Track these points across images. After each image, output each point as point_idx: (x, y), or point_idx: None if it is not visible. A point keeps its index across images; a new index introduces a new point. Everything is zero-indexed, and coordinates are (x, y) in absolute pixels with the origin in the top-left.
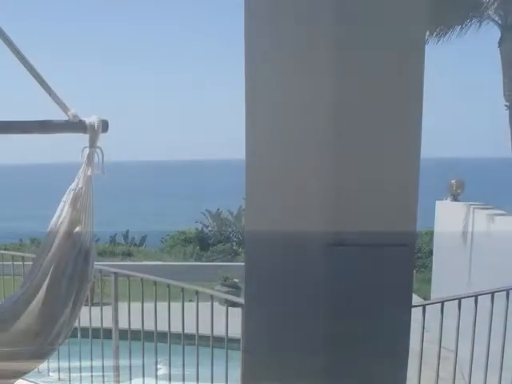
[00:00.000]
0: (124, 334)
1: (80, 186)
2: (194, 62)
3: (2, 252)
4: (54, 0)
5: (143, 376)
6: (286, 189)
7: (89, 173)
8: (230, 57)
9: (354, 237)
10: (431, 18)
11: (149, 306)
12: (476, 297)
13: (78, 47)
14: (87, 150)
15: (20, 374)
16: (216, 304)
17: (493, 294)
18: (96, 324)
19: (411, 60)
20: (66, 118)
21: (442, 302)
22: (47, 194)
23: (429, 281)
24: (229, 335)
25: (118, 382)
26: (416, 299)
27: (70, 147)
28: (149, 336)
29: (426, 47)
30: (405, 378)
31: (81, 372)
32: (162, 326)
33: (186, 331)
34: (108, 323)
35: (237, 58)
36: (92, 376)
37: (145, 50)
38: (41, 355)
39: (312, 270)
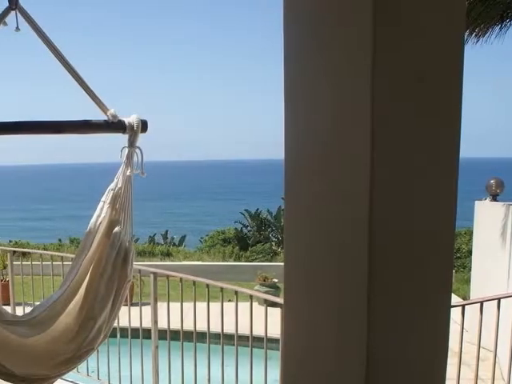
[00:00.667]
0: (163, 334)
1: (119, 186)
2: (235, 61)
3: (42, 252)
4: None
5: (182, 376)
6: (325, 189)
7: (128, 173)
8: (270, 57)
9: (391, 236)
10: (470, 18)
11: (188, 305)
12: None
13: (121, 47)
14: (126, 150)
15: (59, 374)
16: (255, 304)
17: None
18: (135, 324)
19: (450, 61)
20: (105, 118)
21: (482, 302)
22: (86, 194)
23: (468, 281)
24: (268, 335)
25: (157, 382)
26: (455, 299)
27: (110, 147)
28: (188, 336)
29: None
30: (444, 378)
31: (120, 372)
32: (201, 326)
33: (225, 331)
34: (147, 323)
35: (277, 59)
36: (131, 376)
37: (188, 51)
38: (80, 355)
39: (351, 269)
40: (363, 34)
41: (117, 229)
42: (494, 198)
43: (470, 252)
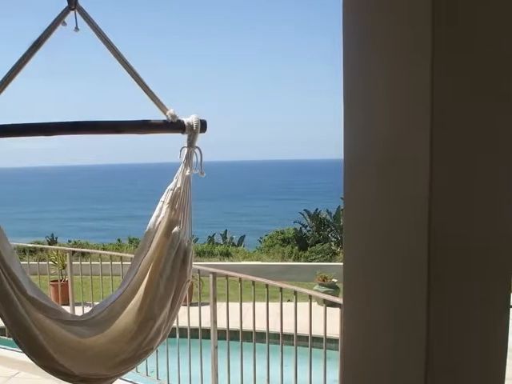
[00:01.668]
0: (222, 334)
1: (178, 185)
2: (293, 60)
3: (101, 252)
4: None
5: (241, 376)
6: (384, 190)
7: (187, 173)
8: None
9: (450, 236)
10: None
11: (247, 305)
12: None
13: (180, 48)
14: (185, 150)
15: (118, 374)
16: (314, 304)
17: None
18: (194, 324)
19: (510, 60)
20: (164, 118)
21: None
22: (146, 194)
23: None
24: (327, 335)
25: (217, 382)
26: None
27: (168, 147)
28: (247, 336)
29: None
30: (503, 378)
31: (179, 372)
32: (260, 326)
33: (284, 331)
34: (206, 323)
35: (336, 59)
36: (190, 376)
37: (246, 51)
38: (139, 355)
39: (410, 269)
40: (422, 33)
41: (176, 229)
42: None
43: None
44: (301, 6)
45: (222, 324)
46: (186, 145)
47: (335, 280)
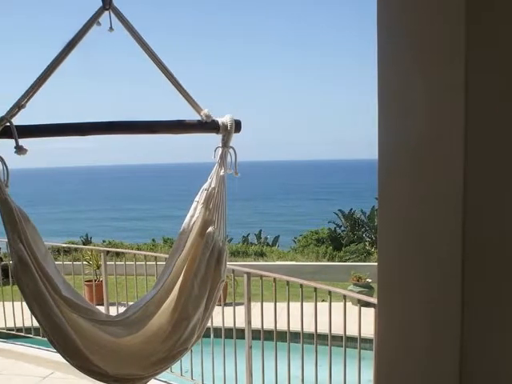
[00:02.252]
0: (257, 334)
1: (213, 185)
2: (327, 60)
3: (135, 252)
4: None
5: (276, 376)
6: (418, 190)
7: (221, 173)
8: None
9: (485, 237)
10: None
11: (281, 305)
12: None
13: (215, 48)
14: (220, 150)
15: (152, 374)
16: (349, 304)
17: None
18: (229, 324)
19: None
20: (198, 118)
21: None
22: (180, 194)
23: None
24: (362, 335)
25: (251, 382)
26: None
27: (203, 147)
28: (281, 336)
29: None
30: None
31: (213, 372)
32: (295, 326)
33: (318, 331)
34: (241, 323)
35: (370, 59)
36: (225, 376)
37: (279, 55)
38: (173, 355)
39: (445, 270)
40: (456, 31)
41: (210, 229)
42: None
43: None
44: (335, 4)
45: (256, 324)
46: (220, 145)
47: (369, 280)
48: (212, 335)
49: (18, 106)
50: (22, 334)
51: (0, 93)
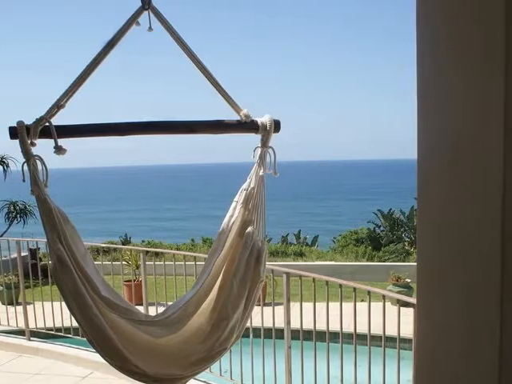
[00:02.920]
0: (296, 334)
1: (252, 185)
2: (369, 61)
3: (174, 252)
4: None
5: (315, 376)
6: (458, 190)
7: (261, 173)
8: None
9: None
10: None
11: (320, 305)
12: None
13: (257, 48)
14: (259, 150)
15: (192, 374)
16: (388, 304)
17: None
18: (268, 324)
19: None
20: (237, 118)
21: None
22: (219, 194)
23: None
24: (401, 335)
25: (290, 382)
26: None
27: (241, 147)
28: (320, 336)
29: None
30: None
31: (252, 372)
32: (334, 326)
33: (357, 331)
34: (280, 323)
35: (410, 59)
36: (264, 376)
37: (323, 52)
38: (212, 355)
39: (484, 270)
40: (495, 32)
41: (250, 229)
42: None
43: None
44: (379, 9)
45: (295, 324)
46: (259, 145)
47: (409, 280)
48: (251, 335)
49: (58, 106)
50: (62, 333)
51: (40, 93)
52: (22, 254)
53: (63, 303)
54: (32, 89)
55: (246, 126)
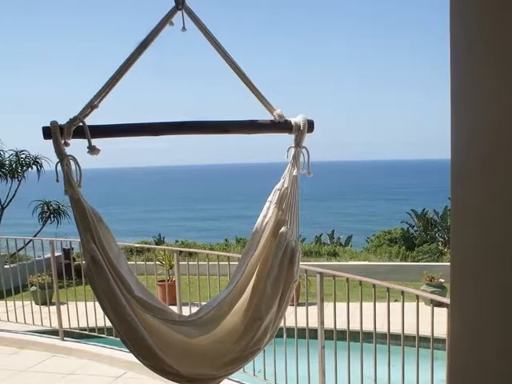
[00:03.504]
0: (329, 334)
1: (286, 186)
2: (398, 61)
3: (208, 252)
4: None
5: (348, 376)
6: (491, 190)
7: (294, 173)
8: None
9: None
10: None
11: (354, 305)
12: None
13: (291, 49)
14: (293, 150)
15: (225, 374)
16: (421, 304)
17: None
18: (301, 324)
19: None
20: (270, 118)
21: None
22: (252, 195)
23: None
24: (434, 335)
25: (324, 382)
26: None
27: (275, 147)
28: (354, 336)
29: None
30: None
31: (286, 372)
32: (367, 326)
33: (391, 331)
34: (313, 323)
35: (443, 59)
36: (298, 376)
37: (353, 56)
38: (246, 355)
39: None
40: None
41: (283, 229)
42: None
43: None
44: (409, 7)
45: (329, 324)
46: (293, 145)
47: (442, 280)
48: (285, 335)
49: (91, 106)
50: (95, 334)
51: (74, 92)
52: (56, 254)
53: (97, 303)
54: (71, 88)
55: (280, 126)
